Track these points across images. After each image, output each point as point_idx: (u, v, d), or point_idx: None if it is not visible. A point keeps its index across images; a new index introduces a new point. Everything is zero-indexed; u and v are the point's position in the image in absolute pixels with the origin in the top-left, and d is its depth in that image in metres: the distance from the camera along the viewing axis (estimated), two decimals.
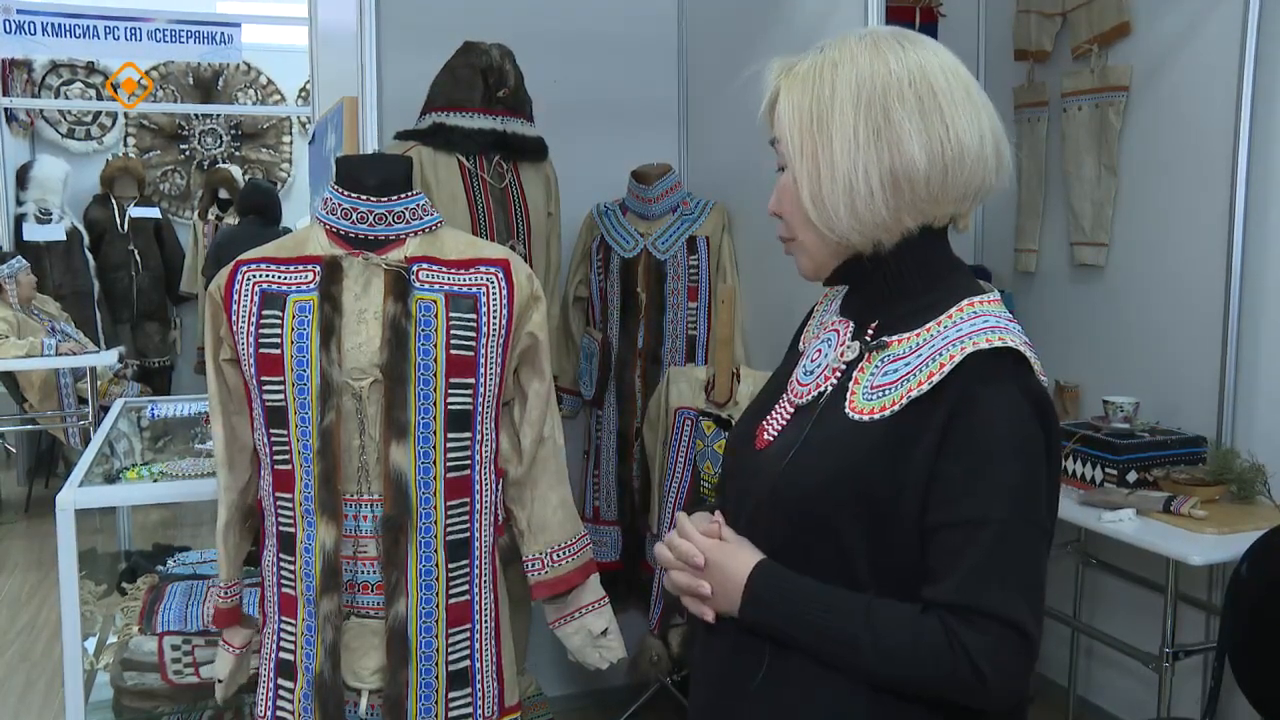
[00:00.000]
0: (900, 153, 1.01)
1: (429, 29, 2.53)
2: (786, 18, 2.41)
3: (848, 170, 1.02)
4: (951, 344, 1.01)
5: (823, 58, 1.06)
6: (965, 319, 1.03)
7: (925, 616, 0.98)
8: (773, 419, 1.14)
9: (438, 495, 1.53)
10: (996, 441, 0.98)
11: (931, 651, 0.97)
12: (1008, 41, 3.23)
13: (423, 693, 1.55)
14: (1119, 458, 2.39)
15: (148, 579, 2.45)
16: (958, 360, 0.99)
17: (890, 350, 1.06)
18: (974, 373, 0.99)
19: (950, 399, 0.99)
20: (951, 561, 0.97)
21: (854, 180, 1.02)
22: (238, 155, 7.22)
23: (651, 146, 2.87)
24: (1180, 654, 2.28)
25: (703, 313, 2.75)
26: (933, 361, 1.01)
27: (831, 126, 1.02)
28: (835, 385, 1.08)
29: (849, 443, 1.03)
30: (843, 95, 1.03)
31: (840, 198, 1.03)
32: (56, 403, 5.13)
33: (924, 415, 0.99)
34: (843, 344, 1.11)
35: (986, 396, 0.98)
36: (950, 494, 0.98)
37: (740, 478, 1.14)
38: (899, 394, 1.02)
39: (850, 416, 1.04)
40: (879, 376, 1.05)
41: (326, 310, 1.49)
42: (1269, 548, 2.02)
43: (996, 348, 0.99)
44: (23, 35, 5.75)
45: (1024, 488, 0.99)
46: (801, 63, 1.07)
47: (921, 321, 1.06)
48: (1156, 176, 2.77)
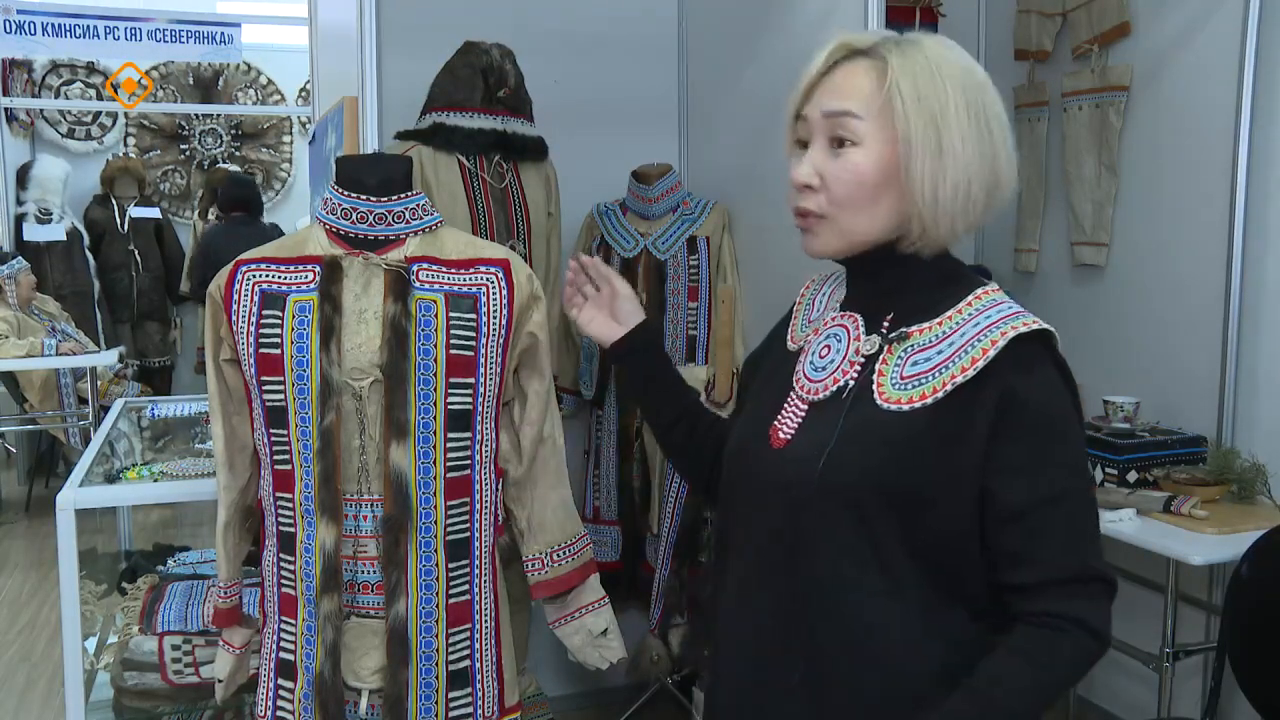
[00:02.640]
0: (995, 167, 1.06)
1: (429, 29, 2.53)
2: (787, 18, 2.41)
3: (963, 174, 1.04)
4: (988, 330, 1.03)
5: (920, 49, 1.05)
6: (986, 306, 1.06)
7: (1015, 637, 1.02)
8: (785, 417, 1.13)
9: (438, 495, 1.53)
10: (1052, 422, 1.03)
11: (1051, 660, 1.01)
12: (1008, 41, 3.23)
13: (423, 693, 1.55)
14: (1119, 458, 2.39)
15: (148, 579, 2.45)
16: (1000, 345, 1.01)
17: (913, 340, 1.07)
18: (1015, 356, 1.02)
19: (997, 384, 1.01)
20: (1040, 541, 1.02)
21: (968, 186, 1.05)
22: (238, 155, 7.22)
23: (651, 146, 2.87)
24: (1180, 654, 2.28)
25: (703, 313, 2.75)
26: (973, 347, 1.03)
27: (950, 124, 1.03)
28: (857, 378, 1.09)
29: (889, 433, 1.04)
30: (955, 97, 1.04)
31: (957, 201, 1.05)
32: (57, 403, 5.13)
33: (969, 401, 1.02)
34: (856, 338, 1.11)
35: (1033, 380, 1.02)
36: (1021, 477, 1.01)
37: (759, 478, 1.13)
38: (939, 381, 1.03)
39: (884, 407, 1.05)
40: (907, 366, 1.06)
41: (326, 310, 1.49)
42: (1269, 548, 2.02)
43: (1034, 330, 1.03)
44: (23, 35, 5.75)
45: (1079, 458, 1.07)
46: (898, 47, 1.06)
47: (937, 312, 1.08)
48: (1157, 176, 2.77)
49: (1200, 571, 2.49)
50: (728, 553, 1.18)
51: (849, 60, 1.08)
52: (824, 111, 1.07)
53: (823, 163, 1.07)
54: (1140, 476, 2.39)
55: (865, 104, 1.05)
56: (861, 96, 1.05)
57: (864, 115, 1.05)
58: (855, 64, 1.07)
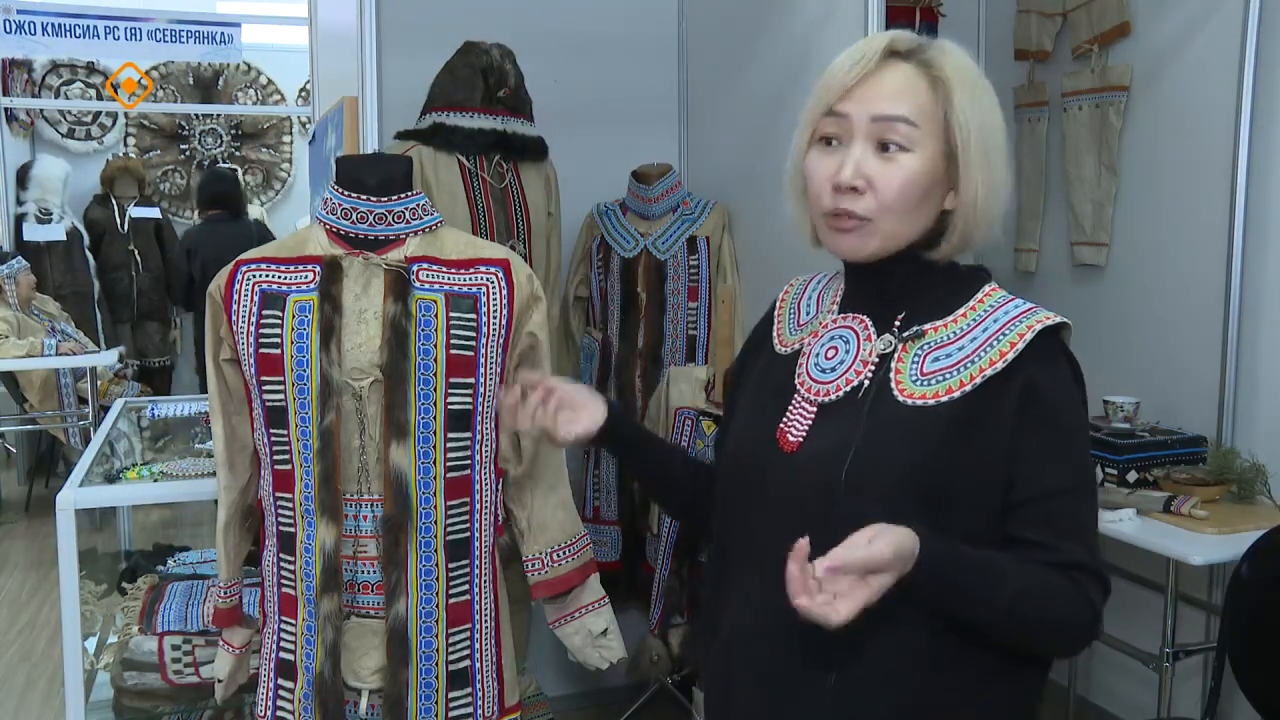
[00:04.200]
0: (1010, 181, 1.10)
1: (429, 29, 2.53)
2: (787, 18, 2.41)
3: (1005, 185, 1.08)
4: (1013, 323, 1.06)
5: (958, 60, 1.08)
6: (1000, 302, 1.09)
7: (1055, 573, 1.03)
8: (792, 420, 1.11)
9: (438, 495, 1.53)
10: (1068, 416, 1.06)
11: (1071, 602, 1.03)
12: (1008, 41, 3.23)
13: (423, 693, 1.55)
14: (1119, 457, 2.39)
15: (148, 579, 2.45)
16: (1028, 338, 1.04)
17: (929, 339, 1.08)
18: (1036, 350, 1.04)
19: (1020, 376, 1.04)
20: (1053, 528, 1.03)
21: (1005, 192, 1.08)
22: (238, 155, 7.22)
23: (651, 146, 2.87)
24: (1180, 654, 2.28)
25: (703, 313, 2.75)
26: (1000, 340, 1.05)
27: (997, 138, 1.07)
28: (872, 378, 1.08)
29: (914, 429, 1.04)
30: (993, 107, 1.08)
31: (996, 206, 1.08)
32: (57, 403, 5.13)
33: (995, 393, 1.04)
34: (868, 338, 1.11)
35: (1052, 373, 1.05)
36: (1038, 468, 1.03)
37: (772, 484, 1.10)
38: (967, 375, 1.05)
39: (907, 404, 1.06)
40: (926, 362, 1.07)
41: (326, 310, 1.49)
42: (1269, 548, 2.02)
43: (1056, 324, 1.06)
44: (23, 35, 5.75)
45: (1088, 454, 1.09)
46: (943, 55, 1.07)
47: (949, 310, 1.10)
48: (1157, 176, 2.77)
49: (1200, 571, 2.49)
50: (732, 563, 1.16)
51: (891, 62, 1.06)
52: (874, 115, 1.05)
53: (869, 166, 1.05)
54: (1140, 476, 2.39)
55: (918, 110, 1.05)
56: (916, 103, 1.05)
57: (919, 122, 1.04)
58: (899, 67, 1.06)
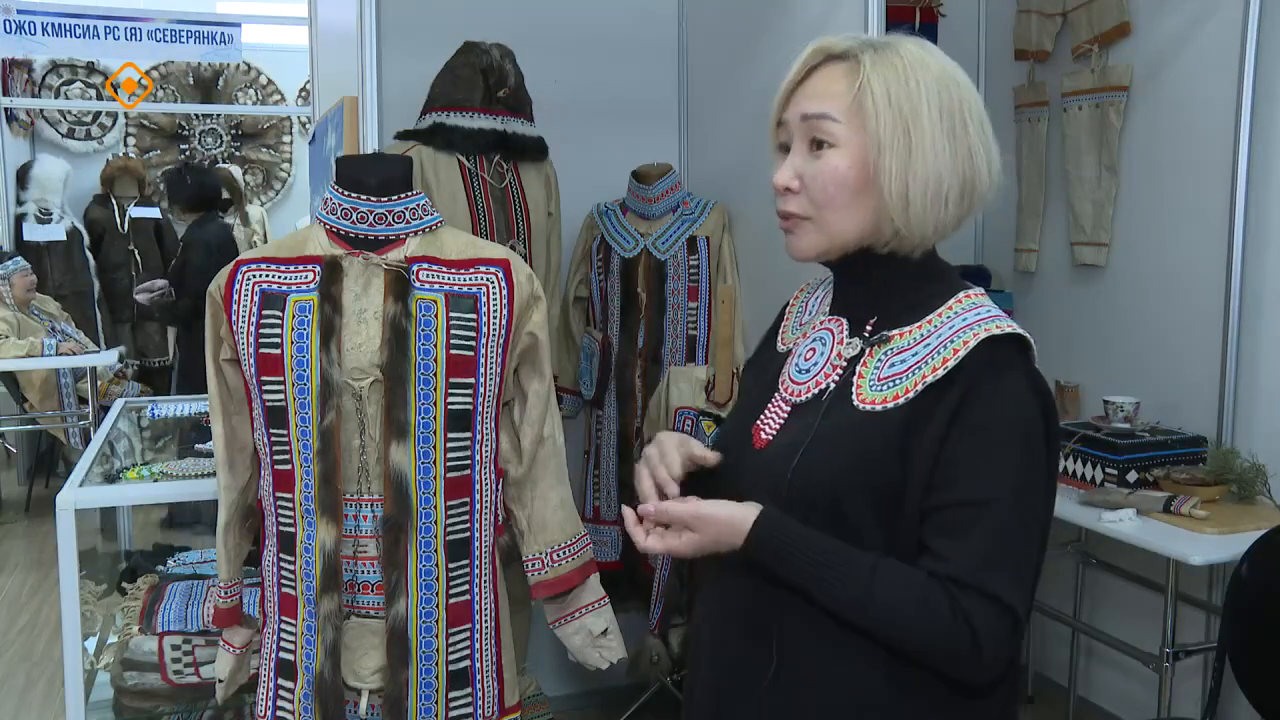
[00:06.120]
0: (971, 166, 1.06)
1: (429, 29, 2.53)
2: (787, 18, 2.41)
3: (934, 174, 1.05)
4: (961, 331, 1.03)
5: (895, 51, 1.06)
6: (966, 309, 1.07)
7: (931, 580, 0.99)
8: (768, 418, 1.14)
9: (438, 495, 1.53)
10: (1000, 425, 1.01)
11: (934, 612, 0.98)
12: (1008, 41, 3.23)
13: (423, 693, 1.55)
14: (1119, 457, 2.39)
15: (148, 579, 2.45)
16: (971, 346, 1.01)
17: (893, 344, 1.08)
18: (984, 359, 1.01)
19: (962, 384, 1.01)
20: (953, 540, 0.99)
21: (939, 185, 1.05)
22: (238, 155, 7.22)
23: (651, 146, 2.87)
24: (1180, 654, 2.28)
25: (703, 313, 2.75)
26: (945, 348, 1.03)
27: (921, 125, 1.04)
28: (838, 381, 1.09)
29: (862, 433, 1.04)
30: (928, 96, 1.05)
31: (927, 199, 1.05)
32: (57, 403, 5.12)
33: (936, 400, 1.02)
34: (840, 341, 1.12)
35: (994, 381, 1.01)
36: (954, 474, 1.00)
37: (742, 479, 1.13)
38: (911, 381, 1.03)
39: (860, 408, 1.06)
40: (885, 368, 1.07)
41: (326, 310, 1.49)
42: (1269, 548, 2.02)
43: (1007, 334, 1.02)
44: (23, 35, 5.75)
45: (1024, 471, 1.01)
46: (874, 50, 1.07)
47: (919, 315, 1.08)
48: (1156, 176, 2.77)
49: (1200, 571, 2.49)
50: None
51: (826, 65, 1.09)
52: (802, 115, 1.09)
53: (803, 165, 1.09)
54: (1140, 476, 2.39)
55: (840, 106, 1.06)
56: (836, 99, 1.07)
57: (840, 117, 1.06)
58: (832, 68, 1.09)
